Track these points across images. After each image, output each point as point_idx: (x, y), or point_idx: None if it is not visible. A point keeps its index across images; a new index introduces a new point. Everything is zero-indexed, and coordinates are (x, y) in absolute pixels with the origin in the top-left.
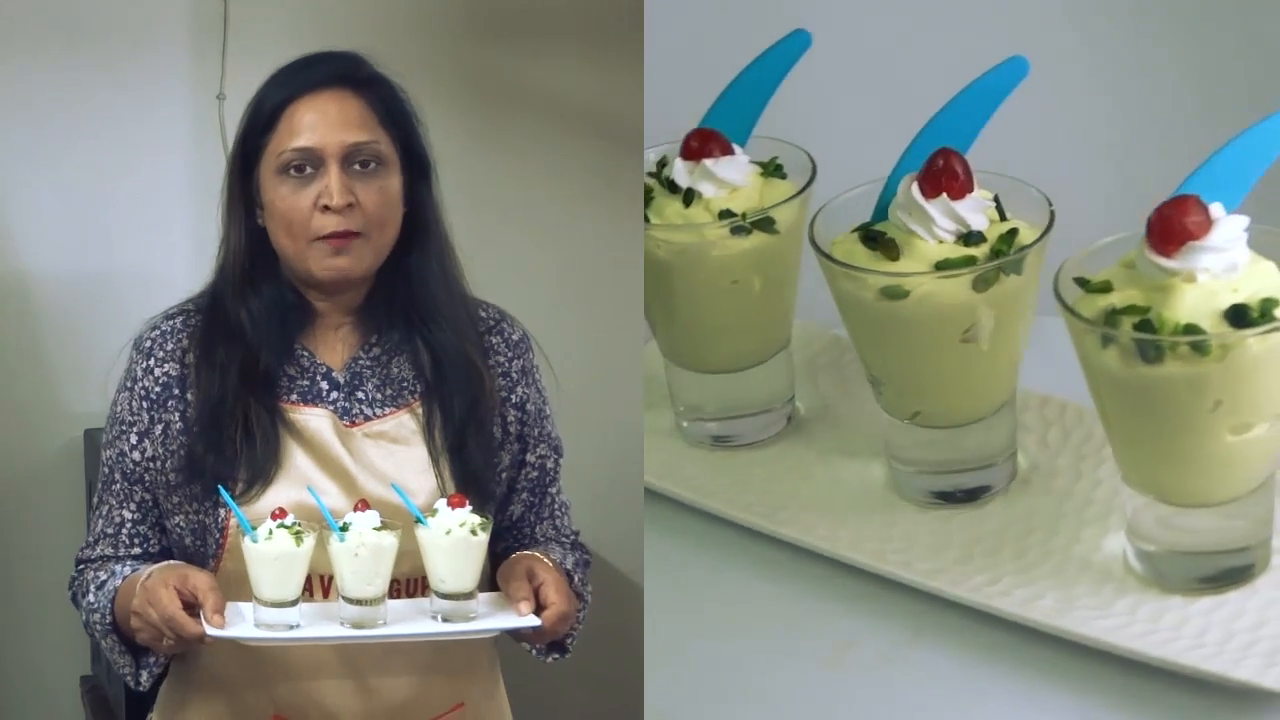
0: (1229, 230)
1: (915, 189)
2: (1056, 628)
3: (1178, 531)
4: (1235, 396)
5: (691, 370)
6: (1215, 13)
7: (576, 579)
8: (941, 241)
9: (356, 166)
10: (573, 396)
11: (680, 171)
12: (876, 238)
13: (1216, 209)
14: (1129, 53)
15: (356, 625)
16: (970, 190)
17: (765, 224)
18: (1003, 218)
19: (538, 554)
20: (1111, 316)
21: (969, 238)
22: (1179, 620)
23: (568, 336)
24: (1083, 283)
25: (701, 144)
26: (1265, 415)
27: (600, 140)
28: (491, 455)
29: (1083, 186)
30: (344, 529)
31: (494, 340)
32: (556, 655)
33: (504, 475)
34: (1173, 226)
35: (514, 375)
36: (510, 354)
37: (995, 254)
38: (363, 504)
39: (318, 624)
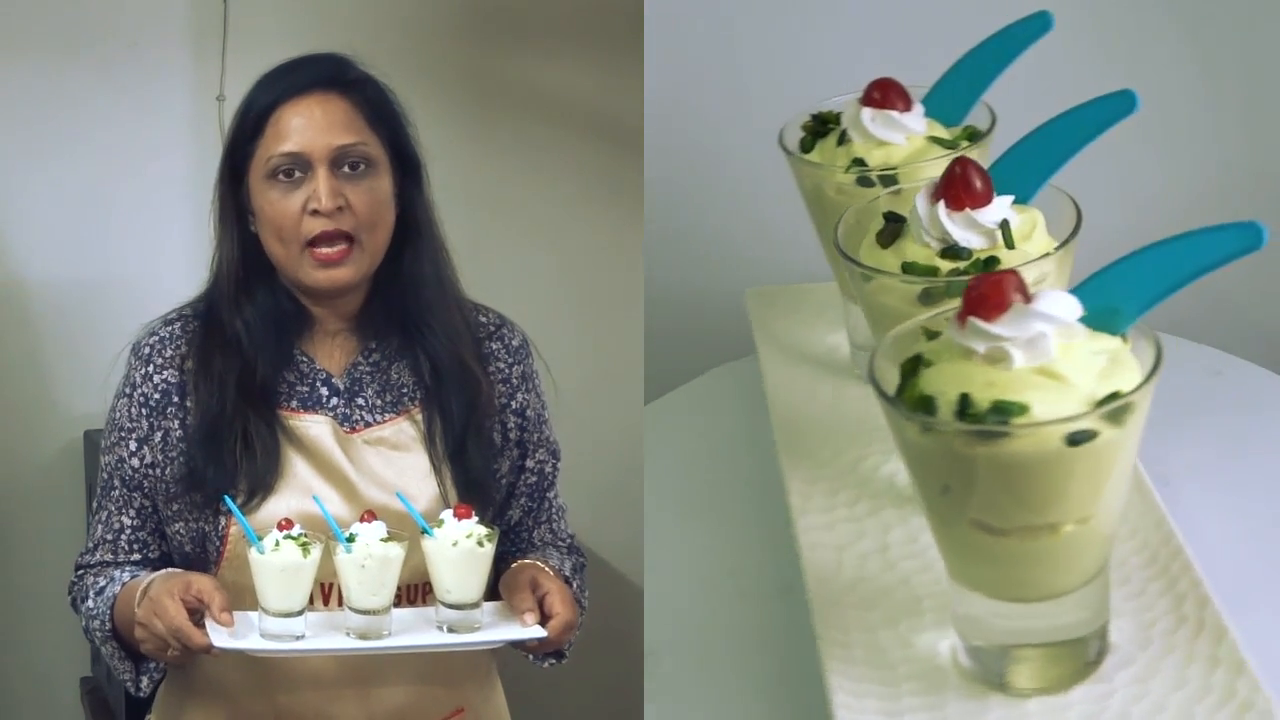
0: (1023, 323)
1: (925, 190)
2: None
3: (967, 621)
4: (960, 489)
5: (852, 303)
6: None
7: (575, 585)
8: (926, 246)
9: (346, 169)
10: (573, 397)
11: (847, 113)
12: (894, 220)
13: (1053, 301)
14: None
15: (362, 635)
16: (975, 206)
17: (888, 181)
18: (1009, 245)
19: (539, 562)
20: (906, 363)
21: (948, 251)
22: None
23: (567, 337)
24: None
25: (882, 95)
26: (1012, 522)
27: (600, 140)
28: (492, 461)
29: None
30: (350, 540)
31: (494, 346)
32: (554, 660)
33: (504, 481)
34: (968, 297)
35: (514, 381)
36: (510, 360)
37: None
38: (369, 515)
39: (324, 634)
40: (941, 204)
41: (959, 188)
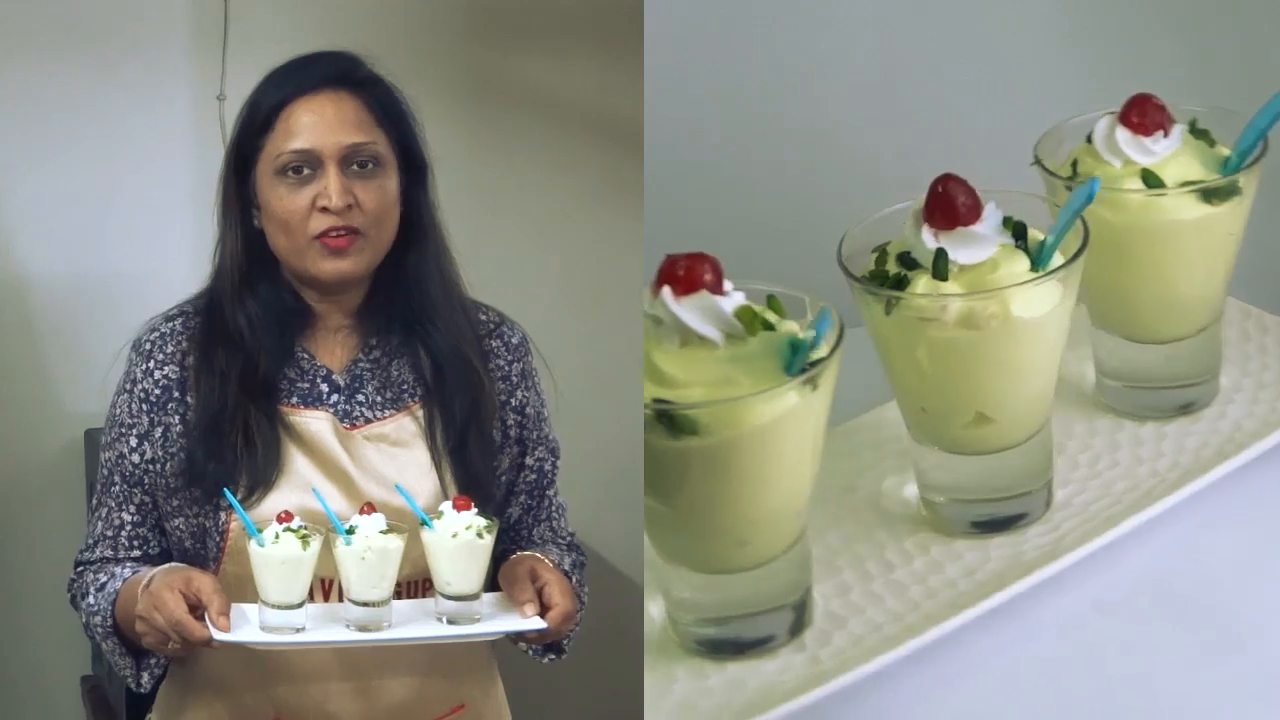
0: (665, 307)
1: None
2: None
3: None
4: None
5: (1116, 336)
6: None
7: (574, 580)
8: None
9: (355, 167)
10: (572, 397)
11: (1101, 121)
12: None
13: (694, 305)
14: None
15: (362, 628)
16: (940, 226)
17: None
18: (938, 276)
19: (538, 555)
20: None
21: (900, 256)
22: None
23: (567, 337)
24: None
25: (1139, 115)
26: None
27: (600, 140)
28: (491, 459)
29: None
30: (350, 532)
31: (494, 344)
32: (553, 656)
33: (503, 478)
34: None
35: (514, 379)
36: (510, 357)
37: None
38: (368, 507)
39: (323, 627)
40: (918, 214)
41: (934, 204)
